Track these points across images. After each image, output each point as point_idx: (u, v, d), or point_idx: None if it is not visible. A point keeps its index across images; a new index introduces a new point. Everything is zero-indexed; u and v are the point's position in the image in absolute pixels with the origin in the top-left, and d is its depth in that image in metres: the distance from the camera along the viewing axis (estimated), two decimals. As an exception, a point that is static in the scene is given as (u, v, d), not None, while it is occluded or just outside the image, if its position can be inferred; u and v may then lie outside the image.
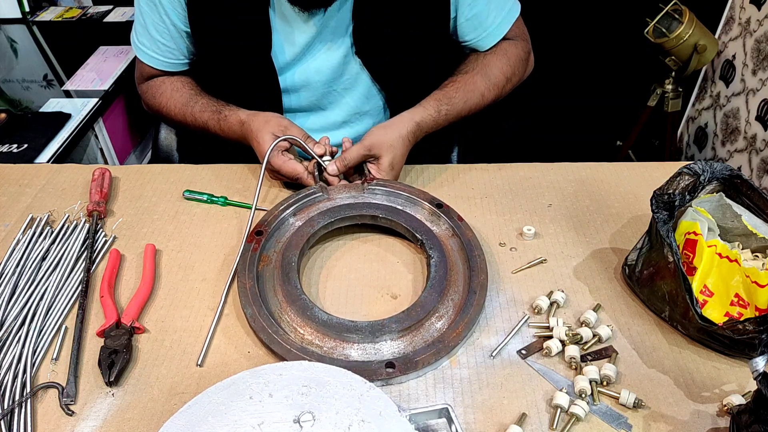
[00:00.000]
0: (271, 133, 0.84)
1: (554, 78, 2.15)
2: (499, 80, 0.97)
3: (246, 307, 0.67)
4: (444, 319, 0.68)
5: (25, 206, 0.85)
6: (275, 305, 0.69)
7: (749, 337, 0.59)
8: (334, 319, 0.66)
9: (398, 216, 0.79)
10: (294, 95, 0.97)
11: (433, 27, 0.94)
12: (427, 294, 0.69)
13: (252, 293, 0.68)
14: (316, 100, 0.98)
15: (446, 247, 0.76)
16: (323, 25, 0.90)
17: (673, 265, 0.63)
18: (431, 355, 0.62)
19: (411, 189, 0.83)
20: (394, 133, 0.86)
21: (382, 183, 0.84)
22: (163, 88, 0.99)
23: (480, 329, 0.68)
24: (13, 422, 0.57)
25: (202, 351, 0.65)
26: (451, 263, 0.73)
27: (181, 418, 0.52)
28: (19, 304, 0.68)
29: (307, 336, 0.65)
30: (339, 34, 0.92)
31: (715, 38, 1.76)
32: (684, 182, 0.72)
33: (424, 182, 0.90)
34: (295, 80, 0.95)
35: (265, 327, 0.65)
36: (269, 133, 0.85)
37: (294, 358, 0.61)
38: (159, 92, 1.00)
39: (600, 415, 0.59)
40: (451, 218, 0.79)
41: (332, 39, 0.92)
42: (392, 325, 0.65)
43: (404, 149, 0.87)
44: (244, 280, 0.69)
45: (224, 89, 0.97)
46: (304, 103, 0.98)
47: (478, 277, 0.71)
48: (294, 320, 0.66)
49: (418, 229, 0.77)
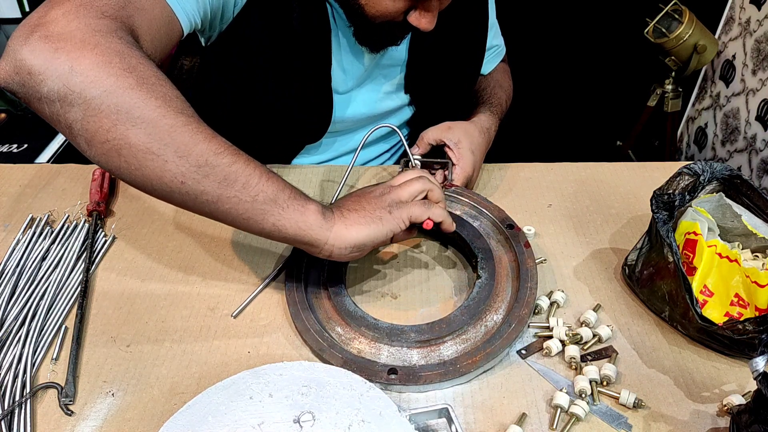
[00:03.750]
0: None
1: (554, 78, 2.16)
2: (509, 91, 1.07)
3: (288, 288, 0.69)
4: (467, 343, 0.65)
5: (25, 206, 0.85)
6: (315, 292, 0.71)
7: (749, 337, 0.59)
8: (359, 311, 0.67)
9: (462, 227, 0.76)
10: (338, 123, 0.93)
11: (476, 60, 0.99)
12: (458, 313, 0.66)
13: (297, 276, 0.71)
14: (351, 127, 0.97)
15: (499, 271, 0.72)
16: (376, 63, 0.89)
17: (673, 265, 0.63)
18: (437, 375, 0.60)
19: (485, 203, 0.81)
20: (470, 123, 0.90)
21: (459, 191, 0.82)
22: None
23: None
24: (13, 422, 0.57)
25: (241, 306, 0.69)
26: (498, 289, 0.70)
27: (181, 418, 0.52)
28: (19, 304, 0.68)
29: (332, 320, 0.67)
30: (392, 72, 0.92)
31: (715, 38, 1.76)
32: (684, 182, 0.72)
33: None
34: (345, 111, 0.91)
35: (296, 302, 0.67)
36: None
37: (311, 338, 0.63)
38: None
39: (600, 415, 0.59)
40: (517, 243, 0.74)
41: (384, 76, 0.92)
42: (411, 333, 0.65)
43: (480, 138, 0.89)
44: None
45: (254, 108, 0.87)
46: (338, 129, 0.95)
47: (520, 310, 0.66)
48: (326, 307, 0.69)
49: (477, 245, 0.74)
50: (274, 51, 0.80)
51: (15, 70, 0.51)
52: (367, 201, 0.65)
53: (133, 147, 0.52)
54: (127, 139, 0.52)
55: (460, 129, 0.87)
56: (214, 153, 0.55)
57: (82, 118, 0.52)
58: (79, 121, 0.52)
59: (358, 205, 0.64)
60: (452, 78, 0.96)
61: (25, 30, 0.52)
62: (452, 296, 0.73)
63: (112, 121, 0.51)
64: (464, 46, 0.94)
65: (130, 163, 0.53)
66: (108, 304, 0.70)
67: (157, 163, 0.53)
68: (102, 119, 0.51)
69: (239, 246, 0.78)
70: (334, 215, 0.62)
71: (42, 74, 0.50)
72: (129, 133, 0.52)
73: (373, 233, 0.62)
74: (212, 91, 0.88)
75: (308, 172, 0.93)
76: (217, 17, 0.75)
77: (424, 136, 0.87)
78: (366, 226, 0.62)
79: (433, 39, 0.78)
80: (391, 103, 0.94)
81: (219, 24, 0.77)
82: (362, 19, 0.75)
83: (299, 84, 0.84)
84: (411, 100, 0.96)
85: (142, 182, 0.55)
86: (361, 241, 0.62)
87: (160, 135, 0.52)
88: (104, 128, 0.52)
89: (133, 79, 0.52)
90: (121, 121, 0.51)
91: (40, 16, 0.53)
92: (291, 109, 0.86)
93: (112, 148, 0.52)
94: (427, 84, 0.94)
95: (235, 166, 0.56)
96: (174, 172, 0.54)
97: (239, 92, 0.85)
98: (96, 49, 0.52)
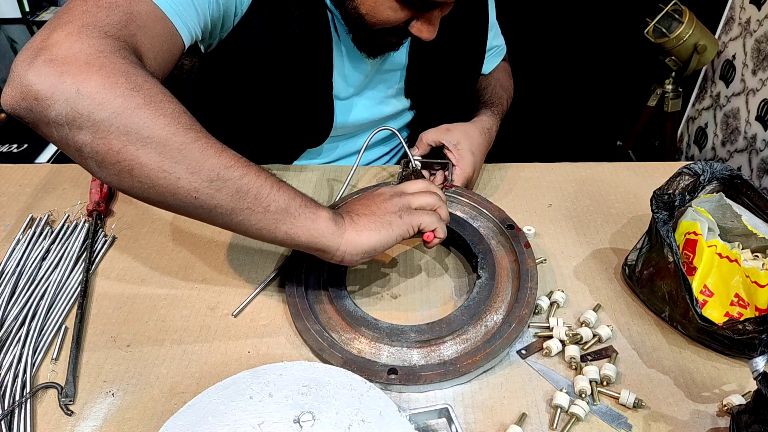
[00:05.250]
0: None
1: (554, 78, 2.16)
2: (510, 90, 1.07)
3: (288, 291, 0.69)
4: (467, 344, 0.65)
5: (25, 206, 0.85)
6: (315, 292, 0.71)
7: (749, 337, 0.59)
8: (359, 312, 0.67)
9: (462, 228, 0.77)
10: (339, 129, 0.93)
11: (476, 62, 0.99)
12: (458, 314, 0.66)
13: (297, 278, 0.71)
14: (352, 132, 0.97)
15: (500, 272, 0.72)
16: (377, 69, 0.89)
17: (673, 265, 0.63)
18: (437, 375, 0.60)
19: (485, 203, 0.81)
20: (470, 124, 0.90)
21: (459, 191, 0.82)
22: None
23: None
24: (13, 422, 0.57)
25: (241, 305, 0.70)
26: (498, 289, 0.70)
27: (181, 418, 0.52)
28: (19, 304, 0.68)
29: (332, 320, 0.67)
30: (393, 78, 0.92)
31: (715, 38, 1.76)
32: (684, 182, 0.72)
33: (424, 182, 0.90)
34: (347, 116, 0.91)
35: (297, 302, 0.67)
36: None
37: (311, 338, 0.64)
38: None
39: (600, 415, 0.59)
40: (517, 243, 0.74)
41: (385, 81, 0.91)
42: (411, 333, 0.65)
43: (480, 138, 0.89)
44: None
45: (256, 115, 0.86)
46: (339, 133, 0.95)
47: (520, 310, 0.66)
48: (326, 306, 0.69)
49: (477, 245, 0.74)
50: (275, 58, 0.80)
51: (21, 96, 0.51)
52: (376, 205, 0.65)
53: (145, 167, 0.52)
54: (139, 159, 0.52)
55: (459, 130, 0.87)
56: (225, 167, 0.55)
57: (91, 141, 0.51)
58: (88, 144, 0.51)
59: (368, 210, 0.64)
60: (452, 81, 0.96)
61: (29, 54, 0.51)
62: (452, 296, 0.73)
63: (122, 142, 0.51)
64: (464, 48, 0.94)
65: (142, 183, 0.53)
66: (108, 304, 0.70)
67: (169, 181, 0.53)
68: (112, 141, 0.51)
69: (239, 246, 0.78)
70: (344, 221, 0.62)
71: (49, 99, 0.50)
72: (140, 153, 0.52)
73: (384, 238, 0.62)
74: (212, 92, 0.88)
75: (308, 172, 0.93)
76: (217, 27, 0.74)
77: (423, 137, 0.87)
78: (377, 232, 0.62)
79: (434, 43, 0.78)
80: (392, 107, 0.95)
81: (219, 33, 0.76)
82: (363, 29, 0.75)
83: (301, 91, 0.84)
84: (412, 104, 0.96)
85: (156, 199, 0.56)
86: (372, 246, 0.62)
87: (171, 153, 0.53)
88: (114, 150, 0.51)
89: (141, 98, 0.52)
90: (132, 141, 0.51)
91: (43, 39, 0.52)
92: (292, 115, 0.86)
93: (123, 169, 0.53)
94: (427, 88, 0.94)
95: (246, 179, 0.56)
96: (187, 188, 0.54)
97: (240, 96, 0.85)
98: (101, 71, 0.51)
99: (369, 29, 0.74)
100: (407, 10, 0.71)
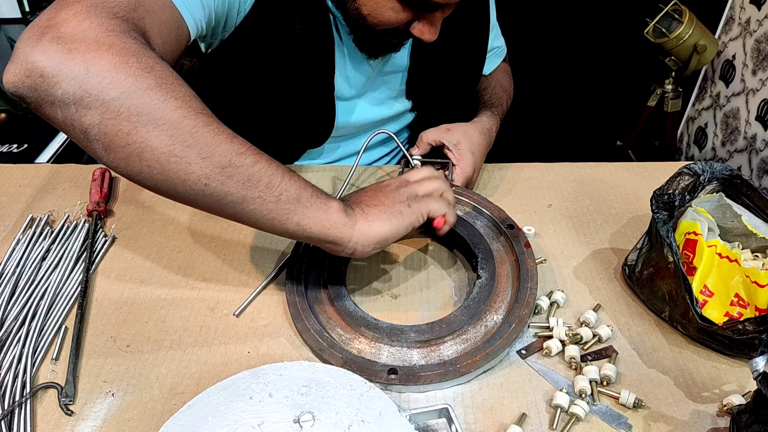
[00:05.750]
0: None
1: (554, 78, 2.16)
2: (510, 91, 1.07)
3: (289, 290, 0.69)
4: (467, 344, 0.65)
5: (25, 206, 0.85)
6: (315, 292, 0.71)
7: (749, 337, 0.59)
8: (359, 312, 0.67)
9: (462, 227, 0.76)
10: (341, 129, 0.93)
11: (477, 63, 0.99)
12: (458, 313, 0.66)
13: (297, 277, 0.71)
14: (353, 133, 0.97)
15: (500, 272, 0.72)
16: (379, 70, 0.89)
17: (673, 265, 0.63)
18: (437, 375, 0.60)
19: (485, 203, 0.80)
20: (470, 124, 0.90)
21: (460, 191, 0.82)
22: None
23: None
24: (13, 422, 0.57)
25: (243, 304, 0.70)
26: (498, 289, 0.70)
27: (181, 418, 0.52)
28: (19, 304, 0.68)
29: (332, 320, 0.67)
30: (394, 79, 0.92)
31: (715, 38, 1.76)
32: (684, 182, 0.72)
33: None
34: (348, 118, 0.91)
35: (296, 302, 0.67)
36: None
37: (311, 338, 0.63)
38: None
39: (600, 415, 0.59)
40: (517, 243, 0.74)
41: (386, 83, 0.91)
42: (411, 333, 0.65)
43: (480, 138, 0.89)
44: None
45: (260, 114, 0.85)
46: (340, 134, 0.95)
47: (520, 310, 0.66)
48: (326, 306, 0.69)
49: (477, 245, 0.74)
50: (277, 58, 0.80)
51: (26, 73, 0.49)
52: (384, 195, 0.65)
53: (155, 150, 0.50)
54: (149, 142, 0.50)
55: (459, 130, 0.88)
56: (236, 153, 0.54)
57: (99, 122, 0.49)
58: (96, 125, 0.50)
59: (377, 200, 0.64)
60: (453, 82, 0.96)
61: (35, 32, 0.50)
62: (452, 296, 0.73)
63: (132, 123, 0.49)
64: (465, 49, 0.94)
65: (152, 167, 0.51)
66: (108, 304, 0.70)
67: (180, 166, 0.51)
68: (121, 122, 0.49)
69: (239, 246, 0.78)
70: (355, 212, 0.61)
71: (56, 76, 0.48)
72: (150, 135, 0.50)
73: (395, 228, 0.62)
74: (213, 92, 0.87)
75: (309, 172, 0.93)
76: (220, 25, 0.74)
77: (424, 137, 0.87)
78: (388, 221, 0.62)
79: (435, 44, 0.78)
80: (394, 109, 0.95)
81: (221, 32, 0.76)
82: (364, 30, 0.75)
83: (302, 92, 0.83)
84: (413, 106, 0.96)
85: (165, 186, 0.53)
86: (384, 236, 0.62)
87: (182, 136, 0.51)
88: (124, 131, 0.50)
89: (152, 79, 0.50)
90: (142, 123, 0.49)
91: (50, 18, 0.51)
92: (294, 116, 0.86)
93: (132, 152, 0.51)
94: (428, 89, 0.95)
95: (258, 166, 0.55)
96: (198, 174, 0.52)
97: (241, 95, 0.85)
98: (111, 49, 0.50)
99: (370, 30, 0.74)
100: (409, 12, 0.71)
